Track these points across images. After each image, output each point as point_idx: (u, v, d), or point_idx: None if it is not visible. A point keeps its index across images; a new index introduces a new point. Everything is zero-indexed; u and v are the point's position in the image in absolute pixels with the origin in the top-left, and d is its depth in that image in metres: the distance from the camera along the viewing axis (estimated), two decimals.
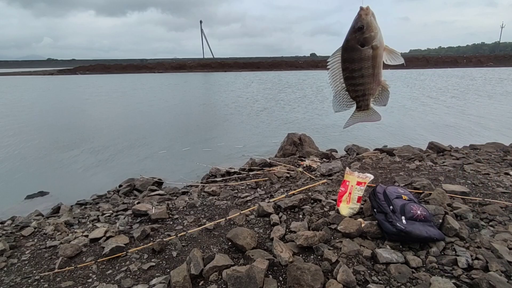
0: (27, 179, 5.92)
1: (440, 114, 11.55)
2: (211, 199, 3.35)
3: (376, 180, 3.14)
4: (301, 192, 2.97)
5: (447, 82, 25.99)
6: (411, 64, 58.74)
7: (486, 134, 8.22)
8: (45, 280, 2.02)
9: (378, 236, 2.04)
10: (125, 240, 2.40)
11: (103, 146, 8.15)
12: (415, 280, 1.67)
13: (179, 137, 9.10)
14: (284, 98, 17.79)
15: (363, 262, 1.81)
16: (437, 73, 39.55)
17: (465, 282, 1.62)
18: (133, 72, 61.58)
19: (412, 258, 1.81)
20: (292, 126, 9.90)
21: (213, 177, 4.99)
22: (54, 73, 60.26)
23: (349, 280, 1.63)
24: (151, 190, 4.69)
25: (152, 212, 2.84)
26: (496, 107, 13.03)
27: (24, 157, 7.31)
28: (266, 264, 1.77)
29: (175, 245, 2.24)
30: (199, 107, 15.51)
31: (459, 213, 2.27)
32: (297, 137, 6.38)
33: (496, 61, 61.41)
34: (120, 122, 11.80)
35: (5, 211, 4.29)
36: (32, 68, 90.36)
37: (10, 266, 2.24)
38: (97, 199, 4.59)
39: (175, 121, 11.68)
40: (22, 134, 9.64)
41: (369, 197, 2.35)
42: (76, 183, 5.70)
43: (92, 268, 2.09)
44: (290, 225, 2.31)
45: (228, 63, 69.32)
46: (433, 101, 15.24)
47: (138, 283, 1.88)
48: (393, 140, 7.94)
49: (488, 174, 3.23)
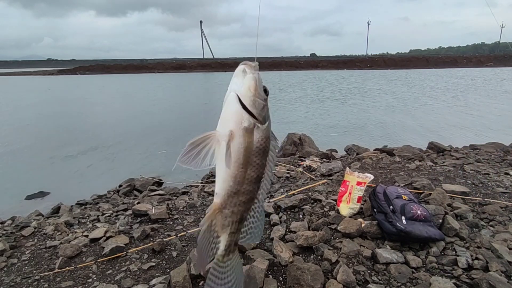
0: (27, 179, 5.91)
1: (440, 114, 11.54)
2: (211, 199, 3.35)
3: (376, 180, 3.14)
4: (301, 192, 2.97)
5: (447, 82, 25.99)
6: (411, 64, 58.77)
7: (486, 134, 8.22)
8: (45, 280, 2.02)
9: (378, 236, 2.04)
10: (125, 240, 2.40)
11: (103, 146, 8.15)
12: (415, 280, 1.67)
13: (179, 137, 9.09)
14: (284, 98, 17.79)
15: (363, 262, 1.81)
16: (437, 73, 39.56)
17: (465, 282, 1.62)
18: (133, 72, 61.64)
19: (412, 258, 1.81)
20: (292, 126, 9.89)
21: (213, 177, 5.00)
22: (54, 73, 60.32)
23: (349, 280, 1.63)
24: (151, 190, 4.69)
25: (152, 212, 2.84)
26: (496, 107, 13.02)
27: (24, 157, 7.31)
28: (266, 264, 1.77)
29: (175, 245, 2.24)
30: (200, 107, 15.51)
31: (459, 213, 2.27)
32: (297, 137, 6.38)
33: (496, 61, 61.42)
34: (120, 122, 11.80)
35: (5, 211, 4.28)
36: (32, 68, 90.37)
37: (10, 266, 2.24)
38: (97, 199, 4.58)
39: (175, 121, 11.68)
40: (22, 134, 9.64)
41: (369, 197, 2.35)
42: (76, 183, 5.69)
43: (92, 268, 2.09)
44: (290, 225, 2.31)
45: (228, 63, 69.34)
46: (433, 101, 15.24)
47: (138, 283, 1.88)
48: (393, 140, 7.94)
49: (488, 174, 3.23)
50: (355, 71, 53.00)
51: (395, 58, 71.27)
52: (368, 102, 15.32)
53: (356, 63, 64.38)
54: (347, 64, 63.44)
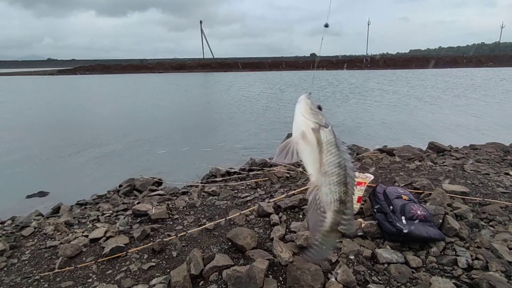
0: (27, 179, 5.91)
1: (440, 114, 11.54)
2: (211, 199, 3.35)
3: (376, 180, 3.14)
4: (301, 192, 2.97)
5: (447, 82, 25.98)
6: (411, 64, 58.74)
7: (486, 134, 8.21)
8: (45, 280, 2.02)
9: (378, 236, 2.04)
10: (125, 240, 2.40)
11: (103, 146, 8.14)
12: (415, 280, 1.67)
13: (179, 137, 9.10)
14: (285, 97, 17.79)
15: (363, 262, 1.81)
16: (437, 73, 39.55)
17: (465, 282, 1.62)
18: (133, 72, 61.61)
19: (412, 258, 1.81)
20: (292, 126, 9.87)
21: (213, 177, 4.99)
22: (54, 73, 60.30)
23: (349, 280, 1.63)
24: (151, 190, 4.69)
25: (152, 212, 2.84)
26: (496, 107, 13.03)
27: (24, 157, 7.30)
28: (266, 264, 1.77)
29: (175, 245, 2.24)
30: (200, 107, 15.50)
31: (459, 213, 2.27)
32: None
33: (496, 61, 61.40)
34: (120, 122, 11.80)
35: (5, 211, 4.27)
36: (32, 68, 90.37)
37: (10, 266, 2.24)
38: (97, 199, 4.58)
39: (175, 121, 11.67)
40: (22, 134, 9.64)
41: (369, 197, 2.35)
42: (76, 183, 5.69)
43: (92, 268, 2.09)
44: (290, 225, 2.31)
45: (228, 63, 69.32)
46: (433, 100, 15.23)
47: (138, 283, 1.88)
48: (393, 140, 7.93)
49: (488, 174, 3.23)
50: (355, 71, 52.98)
51: (395, 58, 71.22)
52: (369, 102, 15.32)
53: (356, 63, 64.35)
54: (347, 64, 63.45)
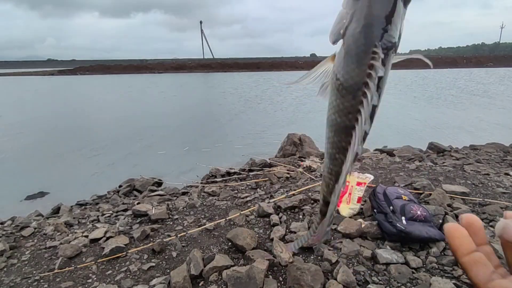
0: (27, 179, 5.92)
1: (440, 114, 11.55)
2: (211, 200, 3.35)
3: (376, 181, 3.14)
4: (301, 193, 2.97)
5: (447, 82, 25.99)
6: (411, 64, 58.78)
7: (486, 134, 8.22)
8: (45, 280, 2.02)
9: (378, 237, 2.04)
10: (125, 241, 2.39)
11: (103, 146, 8.15)
12: (415, 280, 1.67)
13: (179, 137, 9.10)
14: (286, 97, 17.79)
15: (363, 263, 1.81)
16: (437, 73, 39.54)
17: (465, 282, 1.62)
18: (133, 72, 61.55)
19: (412, 259, 1.81)
20: (292, 126, 9.89)
21: (213, 178, 4.99)
22: (55, 73, 60.25)
23: (349, 280, 1.63)
24: (151, 190, 4.68)
25: (152, 213, 2.84)
26: (496, 107, 13.03)
27: (24, 157, 7.31)
28: (266, 264, 1.76)
29: (175, 246, 2.24)
30: (200, 107, 15.51)
31: (459, 213, 2.27)
32: (297, 137, 6.38)
33: (496, 61, 61.41)
34: (120, 122, 11.80)
35: (5, 211, 4.28)
36: (32, 68, 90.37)
37: (10, 266, 2.24)
38: (97, 199, 4.58)
39: (175, 121, 11.67)
40: (22, 134, 9.64)
41: (369, 198, 2.35)
42: (76, 183, 5.69)
43: (92, 268, 2.09)
44: (290, 225, 2.31)
45: (228, 64, 69.28)
46: (433, 100, 15.24)
47: (138, 284, 1.88)
48: (393, 140, 7.93)
49: (488, 175, 3.22)
50: None
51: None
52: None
53: None
54: None
